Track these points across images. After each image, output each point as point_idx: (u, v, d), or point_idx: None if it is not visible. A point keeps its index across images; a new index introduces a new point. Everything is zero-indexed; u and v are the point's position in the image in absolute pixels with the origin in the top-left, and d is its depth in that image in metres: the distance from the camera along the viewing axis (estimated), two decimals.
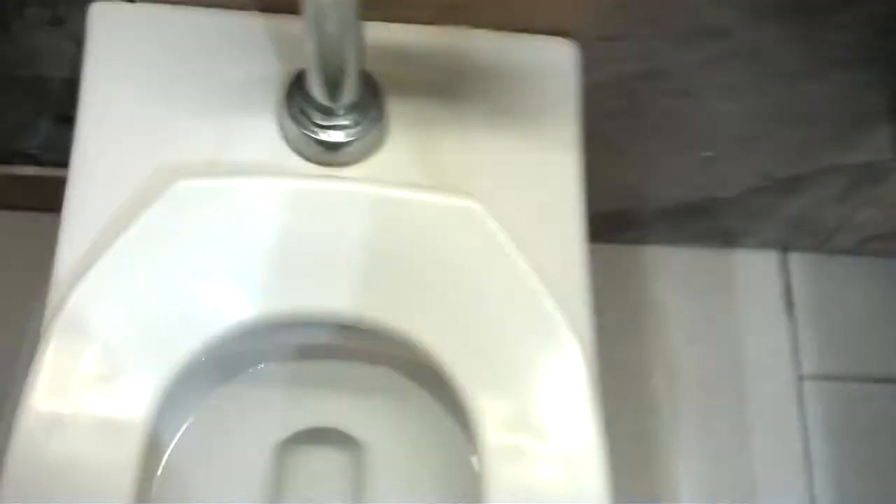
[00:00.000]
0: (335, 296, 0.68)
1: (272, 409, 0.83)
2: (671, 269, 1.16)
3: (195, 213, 0.68)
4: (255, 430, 0.82)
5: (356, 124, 0.70)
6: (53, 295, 0.67)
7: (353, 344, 0.74)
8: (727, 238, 1.15)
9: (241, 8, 0.74)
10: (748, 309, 1.15)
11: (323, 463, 0.84)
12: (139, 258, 0.66)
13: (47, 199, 0.76)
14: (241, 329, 0.68)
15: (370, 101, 0.70)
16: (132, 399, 0.64)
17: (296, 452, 0.83)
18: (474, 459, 0.69)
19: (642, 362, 1.12)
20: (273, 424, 0.82)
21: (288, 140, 0.71)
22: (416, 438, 0.82)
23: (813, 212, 1.08)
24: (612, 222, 1.10)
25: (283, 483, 0.82)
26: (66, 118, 0.75)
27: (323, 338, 0.74)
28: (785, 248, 1.17)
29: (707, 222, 1.10)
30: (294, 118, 0.70)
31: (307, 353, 0.80)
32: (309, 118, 0.69)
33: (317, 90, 0.67)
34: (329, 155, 0.70)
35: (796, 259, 1.17)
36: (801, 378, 1.12)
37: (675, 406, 1.10)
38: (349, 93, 0.68)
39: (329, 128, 0.69)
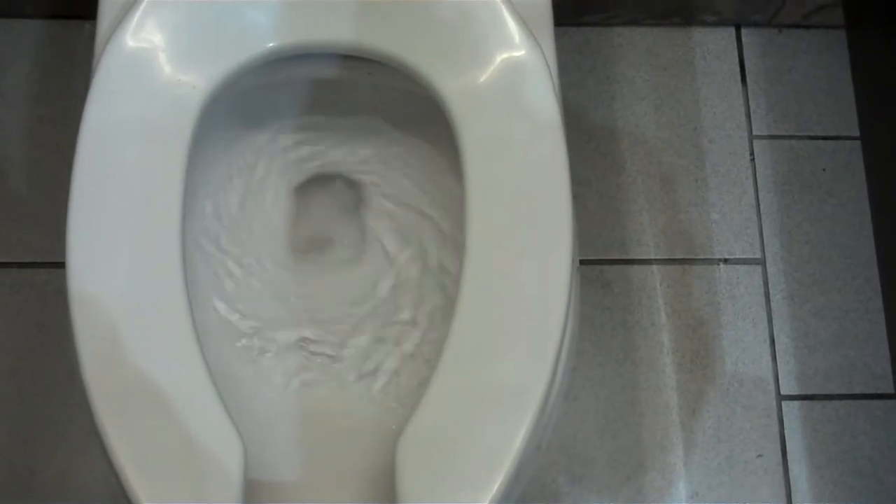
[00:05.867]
0: (337, 28, 0.80)
1: (287, 159, 0.96)
2: (637, 47, 1.25)
3: None
4: (275, 177, 0.95)
5: None
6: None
7: (352, 76, 0.86)
8: (686, 16, 1.24)
9: None
10: (706, 80, 1.24)
11: (330, 199, 0.96)
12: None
13: None
14: (261, 58, 0.80)
15: None
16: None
17: (308, 195, 0.96)
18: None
19: (612, 130, 1.21)
20: (288, 174, 0.96)
21: None
22: (406, 174, 0.95)
23: None
24: (580, 2, 1.20)
25: (301, 218, 0.95)
26: None
27: (327, 71, 0.86)
28: (738, 24, 1.26)
29: None
30: None
31: (312, 100, 0.93)
32: None
33: None
34: None
35: (749, 34, 1.26)
36: (752, 138, 1.22)
37: (641, 166, 1.20)
38: None
39: None
